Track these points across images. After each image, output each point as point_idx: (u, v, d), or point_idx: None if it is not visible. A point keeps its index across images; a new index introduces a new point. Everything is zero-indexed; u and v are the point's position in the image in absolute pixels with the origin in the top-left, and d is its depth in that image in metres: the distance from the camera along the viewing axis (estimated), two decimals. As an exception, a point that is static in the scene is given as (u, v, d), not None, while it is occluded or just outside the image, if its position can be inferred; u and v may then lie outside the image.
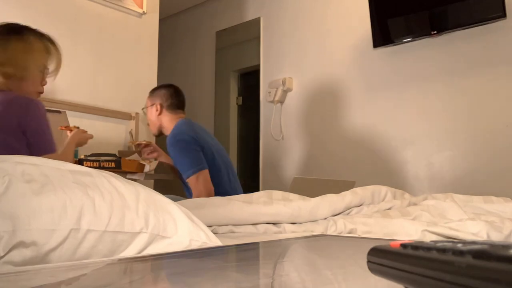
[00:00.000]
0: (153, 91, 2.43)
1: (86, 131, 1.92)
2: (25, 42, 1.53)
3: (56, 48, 1.64)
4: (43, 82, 1.62)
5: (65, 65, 2.64)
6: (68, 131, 1.93)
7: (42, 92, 1.64)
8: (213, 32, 4.15)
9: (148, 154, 2.46)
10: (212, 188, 2.15)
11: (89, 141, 1.96)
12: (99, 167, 2.30)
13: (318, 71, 3.27)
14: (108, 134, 2.82)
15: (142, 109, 2.48)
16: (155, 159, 2.53)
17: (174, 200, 0.85)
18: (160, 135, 2.43)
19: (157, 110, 2.34)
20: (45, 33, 1.63)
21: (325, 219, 1.21)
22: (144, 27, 3.07)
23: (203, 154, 2.19)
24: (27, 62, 1.53)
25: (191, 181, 2.14)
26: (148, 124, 2.47)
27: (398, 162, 2.78)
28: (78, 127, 1.98)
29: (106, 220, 0.68)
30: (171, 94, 2.38)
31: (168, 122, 2.35)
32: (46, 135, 1.48)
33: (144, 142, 2.51)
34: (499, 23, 2.40)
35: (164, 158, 2.49)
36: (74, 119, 2.53)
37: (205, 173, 2.15)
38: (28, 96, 1.51)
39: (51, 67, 1.65)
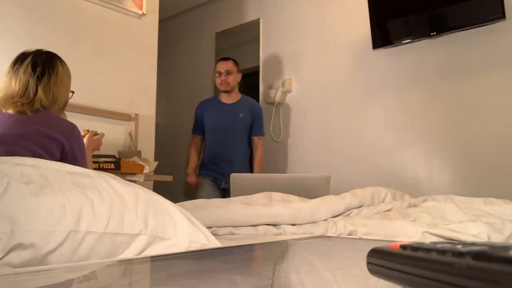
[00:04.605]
0: (237, 63, 3.14)
1: (96, 132, 1.96)
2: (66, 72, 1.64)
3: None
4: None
5: (64, 66, 2.64)
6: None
7: None
8: (212, 34, 4.16)
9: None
10: None
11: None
12: (99, 169, 2.30)
13: (318, 73, 3.27)
14: (107, 135, 2.81)
15: (229, 73, 3.04)
16: None
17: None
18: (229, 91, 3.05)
19: (240, 79, 3.10)
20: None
21: (325, 220, 1.21)
22: (143, 28, 3.07)
23: None
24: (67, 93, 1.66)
25: (261, 140, 3.02)
26: (227, 83, 3.02)
27: (398, 163, 2.78)
28: (88, 130, 2.01)
29: (105, 222, 0.67)
30: None
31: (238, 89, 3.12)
32: (83, 160, 1.58)
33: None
34: (498, 24, 2.40)
35: None
36: (74, 120, 2.53)
37: None
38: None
39: None
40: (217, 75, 3.04)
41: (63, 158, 1.47)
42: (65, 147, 1.47)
